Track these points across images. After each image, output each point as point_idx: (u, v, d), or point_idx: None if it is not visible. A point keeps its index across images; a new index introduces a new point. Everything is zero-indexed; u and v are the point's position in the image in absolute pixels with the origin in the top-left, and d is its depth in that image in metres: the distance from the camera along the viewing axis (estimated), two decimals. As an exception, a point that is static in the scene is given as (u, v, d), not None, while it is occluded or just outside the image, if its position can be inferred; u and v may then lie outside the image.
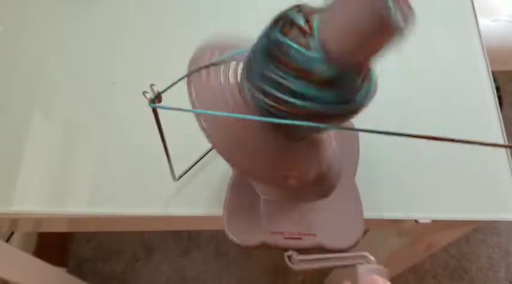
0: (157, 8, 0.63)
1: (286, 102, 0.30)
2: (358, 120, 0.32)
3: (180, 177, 0.50)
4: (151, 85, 0.34)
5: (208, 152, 0.52)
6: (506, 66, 0.94)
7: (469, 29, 0.63)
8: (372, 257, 0.37)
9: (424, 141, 0.26)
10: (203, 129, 0.34)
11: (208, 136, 0.34)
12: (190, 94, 0.35)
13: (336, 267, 0.39)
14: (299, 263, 0.40)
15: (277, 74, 0.30)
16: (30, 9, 0.62)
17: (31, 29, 0.61)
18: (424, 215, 0.51)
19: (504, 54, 0.88)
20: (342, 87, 0.29)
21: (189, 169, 0.51)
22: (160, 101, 0.35)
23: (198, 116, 0.34)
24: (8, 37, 0.60)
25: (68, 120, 0.55)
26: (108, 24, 0.61)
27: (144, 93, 0.34)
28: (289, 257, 0.43)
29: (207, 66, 0.35)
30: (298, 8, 0.29)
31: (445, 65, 0.61)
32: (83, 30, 0.61)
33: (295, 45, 0.28)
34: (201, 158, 0.52)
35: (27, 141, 0.53)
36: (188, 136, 0.49)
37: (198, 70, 0.35)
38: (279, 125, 0.32)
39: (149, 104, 0.34)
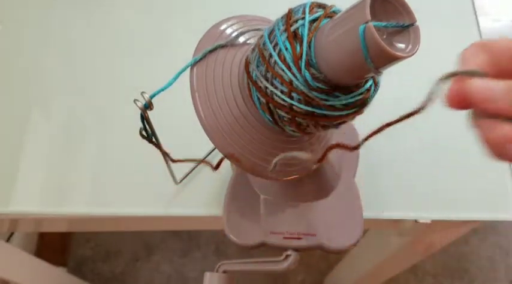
0: (158, 8, 0.63)
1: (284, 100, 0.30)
2: (357, 120, 0.32)
3: (181, 180, 0.50)
4: (142, 93, 0.33)
5: (209, 154, 0.52)
6: (507, 66, 0.93)
7: (470, 29, 0.63)
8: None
9: (424, 141, 0.26)
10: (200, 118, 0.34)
11: (204, 125, 0.34)
12: (191, 81, 0.34)
13: (260, 271, 0.41)
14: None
15: (267, 77, 0.30)
16: (30, 9, 0.62)
17: (31, 29, 0.61)
18: (424, 216, 0.51)
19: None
20: (336, 95, 0.29)
21: (191, 171, 0.51)
22: (152, 108, 0.34)
23: (196, 107, 0.34)
24: (8, 37, 0.60)
25: (67, 119, 0.55)
26: (108, 24, 0.61)
27: (135, 101, 0.33)
28: (287, 256, 0.43)
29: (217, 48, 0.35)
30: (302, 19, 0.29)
31: (444, 64, 0.60)
32: (83, 30, 0.61)
33: (280, 63, 0.29)
34: (202, 160, 0.51)
35: (27, 141, 0.53)
36: (189, 136, 0.49)
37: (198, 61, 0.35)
38: (276, 121, 0.32)
39: (141, 126, 0.34)
